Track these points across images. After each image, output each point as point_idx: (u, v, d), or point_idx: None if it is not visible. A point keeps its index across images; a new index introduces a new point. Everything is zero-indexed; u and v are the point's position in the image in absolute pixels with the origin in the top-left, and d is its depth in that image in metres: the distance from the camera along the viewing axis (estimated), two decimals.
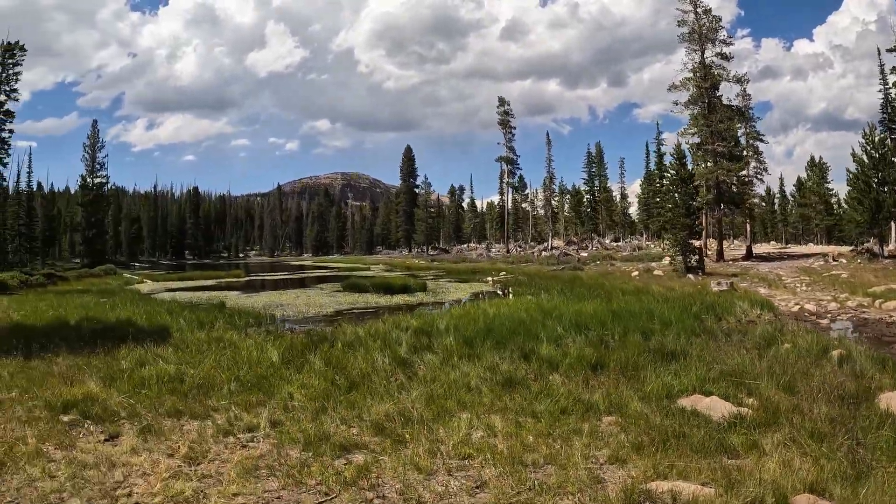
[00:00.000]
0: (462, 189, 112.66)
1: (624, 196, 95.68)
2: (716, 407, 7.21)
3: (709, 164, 49.01)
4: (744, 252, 51.47)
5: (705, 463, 5.43)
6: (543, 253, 69.01)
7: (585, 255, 61.98)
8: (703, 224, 56.14)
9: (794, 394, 7.80)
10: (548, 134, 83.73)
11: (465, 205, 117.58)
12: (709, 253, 47.35)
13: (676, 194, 37.27)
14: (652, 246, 70.53)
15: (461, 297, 27.01)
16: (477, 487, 5.20)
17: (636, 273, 37.42)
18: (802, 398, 7.54)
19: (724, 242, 56.17)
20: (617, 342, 11.60)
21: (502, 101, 79.40)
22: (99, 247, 65.57)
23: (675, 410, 7.16)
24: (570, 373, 9.28)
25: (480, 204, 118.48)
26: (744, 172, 50.87)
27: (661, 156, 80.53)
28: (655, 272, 37.52)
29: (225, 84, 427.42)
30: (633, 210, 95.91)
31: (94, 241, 64.30)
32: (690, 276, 33.50)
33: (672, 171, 39.11)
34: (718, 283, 25.13)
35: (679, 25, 52.23)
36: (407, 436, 6.52)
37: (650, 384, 8.34)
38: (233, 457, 5.99)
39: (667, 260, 46.16)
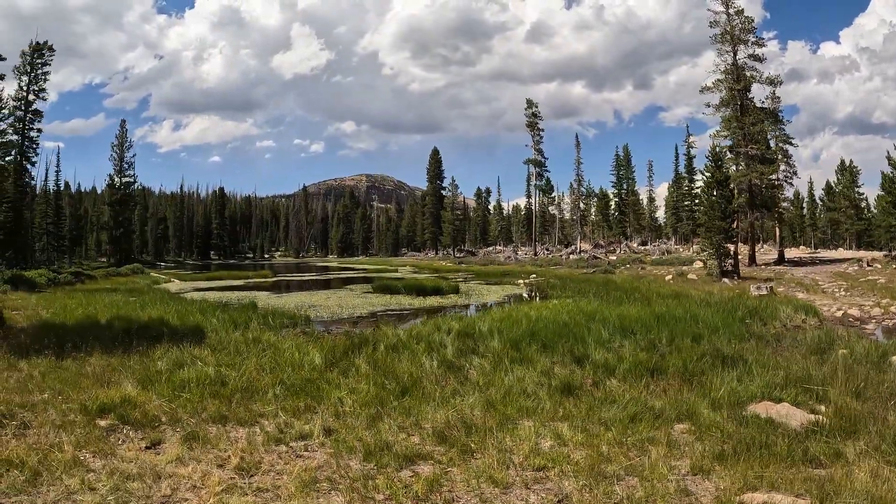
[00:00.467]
0: (488, 191, 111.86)
1: (651, 199, 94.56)
2: (792, 415, 6.89)
3: (741, 167, 47.94)
4: (775, 256, 50.32)
5: (794, 473, 5.20)
6: (571, 256, 68.08)
7: (614, 258, 61.06)
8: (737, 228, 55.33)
9: (865, 400, 7.48)
10: (577, 136, 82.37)
11: (490, 207, 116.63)
12: (739, 257, 46.35)
13: (712, 197, 36.59)
14: (681, 250, 69.51)
15: (495, 300, 26.40)
16: (559, 502, 4.85)
17: (669, 277, 36.53)
18: (875, 405, 7.24)
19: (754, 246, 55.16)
20: (667, 347, 11.25)
21: (530, 104, 78.54)
22: (126, 246, 65.76)
23: (748, 418, 6.84)
24: (627, 378, 8.97)
25: (506, 206, 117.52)
26: (774, 176, 49.77)
27: (690, 159, 79.13)
28: (689, 276, 36.70)
29: (251, 86, 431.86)
30: (661, 213, 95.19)
31: (122, 241, 64.52)
32: (726, 280, 32.81)
33: (707, 174, 38.23)
34: (758, 288, 24.34)
35: (711, 27, 51.41)
36: (472, 445, 6.06)
37: (716, 390, 7.99)
38: (288, 468, 5.46)
39: (698, 264, 45.64)
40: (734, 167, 49.04)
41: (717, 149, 51.17)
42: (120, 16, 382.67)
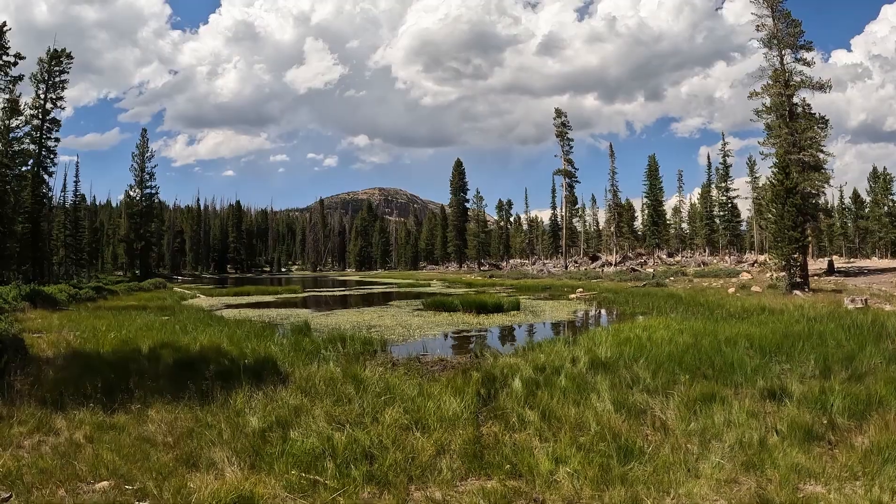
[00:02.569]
0: (510, 203, 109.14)
1: (676, 210, 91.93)
2: None
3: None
4: (824, 267, 48.17)
5: None
6: (607, 268, 65.25)
7: (650, 270, 58.25)
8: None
9: None
10: (611, 146, 79.06)
11: (510, 220, 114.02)
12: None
13: (782, 205, 34.18)
14: (715, 261, 67.11)
15: (565, 318, 23.64)
16: None
17: (732, 290, 34.19)
18: None
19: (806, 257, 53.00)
20: (843, 372, 9.58)
21: (559, 113, 75.94)
22: (147, 259, 63.38)
23: None
24: (854, 415, 7.28)
25: (525, 218, 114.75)
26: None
27: (727, 167, 76.47)
28: (753, 288, 34.59)
29: (264, 100, 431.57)
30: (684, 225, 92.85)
31: (142, 254, 62.11)
32: (797, 292, 30.50)
33: (776, 182, 35.77)
34: (853, 300, 21.97)
35: (757, 30, 49.46)
36: None
37: None
38: None
39: (745, 276, 44.11)
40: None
41: (767, 156, 49.21)
42: (135, 31, 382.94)
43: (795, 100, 48.17)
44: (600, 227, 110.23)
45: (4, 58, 32.45)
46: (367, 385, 9.20)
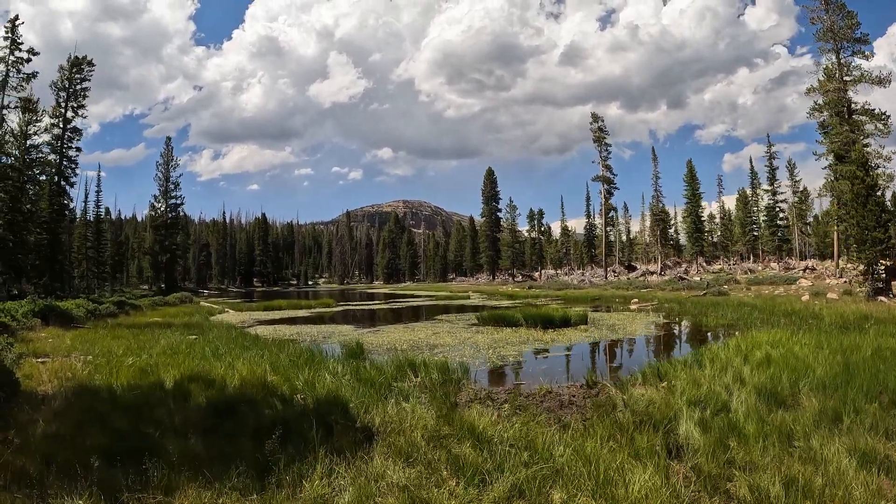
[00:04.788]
0: (541, 213, 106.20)
1: (711, 217, 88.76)
2: None
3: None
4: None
5: None
6: (650, 277, 62.05)
7: (698, 278, 55.04)
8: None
9: None
10: (653, 149, 76.01)
11: (541, 229, 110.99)
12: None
13: (862, 204, 31.39)
14: (759, 268, 64.05)
15: (641, 332, 20.66)
16: None
17: (806, 297, 31.60)
18: None
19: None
20: None
21: (595, 118, 72.99)
22: (172, 272, 61.14)
23: None
24: None
25: (559, 227, 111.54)
26: None
27: (773, 170, 73.04)
28: (829, 295, 32.00)
29: (289, 115, 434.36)
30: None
31: (167, 267, 59.88)
32: (882, 298, 28.05)
33: (856, 181, 32.85)
34: None
35: (812, 23, 47.26)
36: None
37: None
38: None
39: (803, 282, 42.67)
40: (832, 176, 44.65)
41: (821, 156, 46.56)
42: (159, 48, 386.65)
43: (850, 94, 45.62)
44: (632, 237, 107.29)
45: (17, 53, 30.18)
46: (487, 439, 6.40)
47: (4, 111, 29.99)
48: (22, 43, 30.27)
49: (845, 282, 38.86)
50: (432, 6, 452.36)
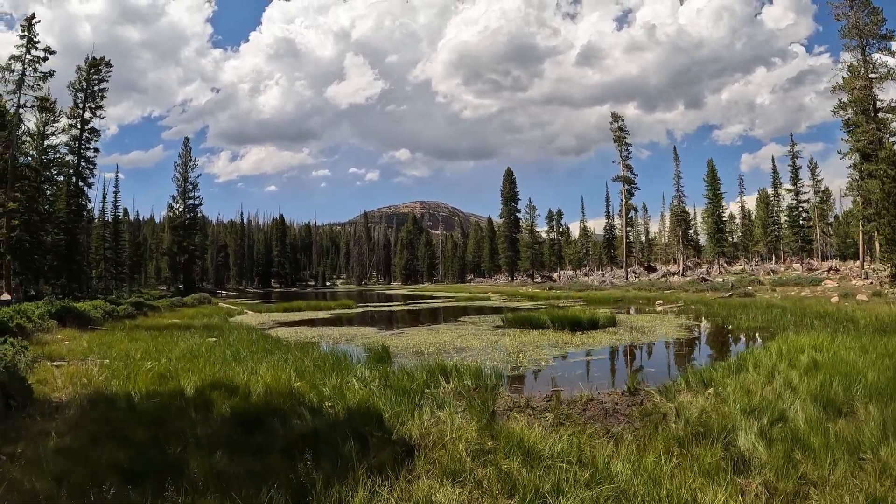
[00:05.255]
0: (560, 214, 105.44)
1: (731, 217, 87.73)
2: None
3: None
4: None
5: None
6: (671, 278, 61.14)
7: (720, 279, 54.08)
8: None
9: None
10: (675, 149, 75.00)
11: (560, 230, 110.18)
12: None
13: (894, 206, 30.68)
14: (781, 269, 63.31)
15: (673, 335, 19.85)
16: None
17: (836, 298, 30.24)
18: None
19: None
20: None
21: (616, 117, 72.32)
22: (190, 273, 60.91)
23: None
24: None
25: (579, 228, 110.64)
26: None
27: (796, 169, 71.71)
28: (858, 297, 30.49)
29: (306, 116, 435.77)
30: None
31: (186, 267, 59.64)
32: None
33: (886, 180, 32.13)
34: None
35: (837, 19, 46.58)
36: None
37: None
38: None
39: (830, 283, 41.18)
40: (856, 175, 44.00)
41: (846, 155, 45.90)
42: (177, 51, 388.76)
43: (877, 92, 44.84)
44: (651, 237, 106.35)
45: (33, 52, 29.86)
46: (538, 454, 5.80)
47: (21, 110, 29.69)
48: (38, 42, 30.01)
49: (871, 283, 37.91)
50: (448, 7, 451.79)
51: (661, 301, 37.67)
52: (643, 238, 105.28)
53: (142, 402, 8.14)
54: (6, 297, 26.04)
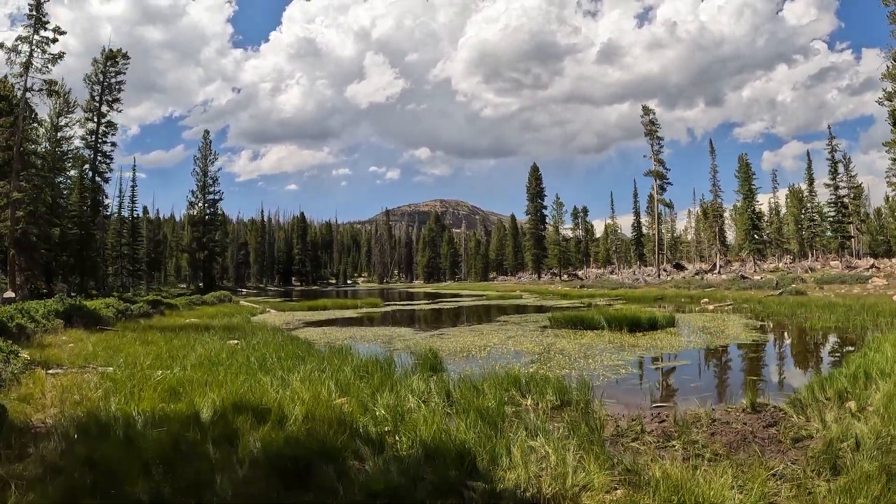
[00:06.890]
0: (585, 211, 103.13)
1: (761, 214, 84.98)
2: None
3: None
4: None
5: None
6: (709, 276, 58.73)
7: (758, 277, 51.68)
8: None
9: None
10: (711, 142, 72.12)
11: (586, 228, 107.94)
12: None
13: None
14: (818, 266, 60.46)
15: (746, 336, 17.62)
16: None
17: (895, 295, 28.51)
18: None
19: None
20: None
21: (646, 110, 69.72)
22: (210, 271, 59.35)
23: None
24: None
25: (609, 225, 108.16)
26: None
27: (835, 164, 68.67)
28: None
29: (327, 115, 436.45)
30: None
31: (205, 265, 58.08)
32: None
33: None
34: None
35: (885, 4, 43.97)
36: None
37: None
38: None
39: (878, 281, 39.16)
40: None
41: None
42: (198, 51, 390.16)
43: None
44: (676, 235, 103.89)
45: (42, 32, 27.96)
46: None
47: (29, 94, 27.78)
48: (48, 22, 28.14)
49: None
50: (469, 6, 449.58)
51: (706, 300, 35.47)
52: (669, 236, 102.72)
53: (145, 429, 6.16)
54: (10, 294, 24.34)
